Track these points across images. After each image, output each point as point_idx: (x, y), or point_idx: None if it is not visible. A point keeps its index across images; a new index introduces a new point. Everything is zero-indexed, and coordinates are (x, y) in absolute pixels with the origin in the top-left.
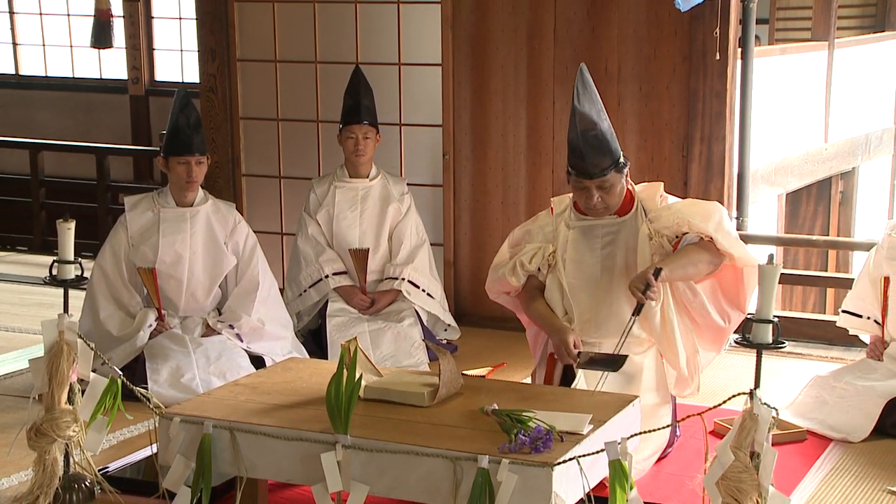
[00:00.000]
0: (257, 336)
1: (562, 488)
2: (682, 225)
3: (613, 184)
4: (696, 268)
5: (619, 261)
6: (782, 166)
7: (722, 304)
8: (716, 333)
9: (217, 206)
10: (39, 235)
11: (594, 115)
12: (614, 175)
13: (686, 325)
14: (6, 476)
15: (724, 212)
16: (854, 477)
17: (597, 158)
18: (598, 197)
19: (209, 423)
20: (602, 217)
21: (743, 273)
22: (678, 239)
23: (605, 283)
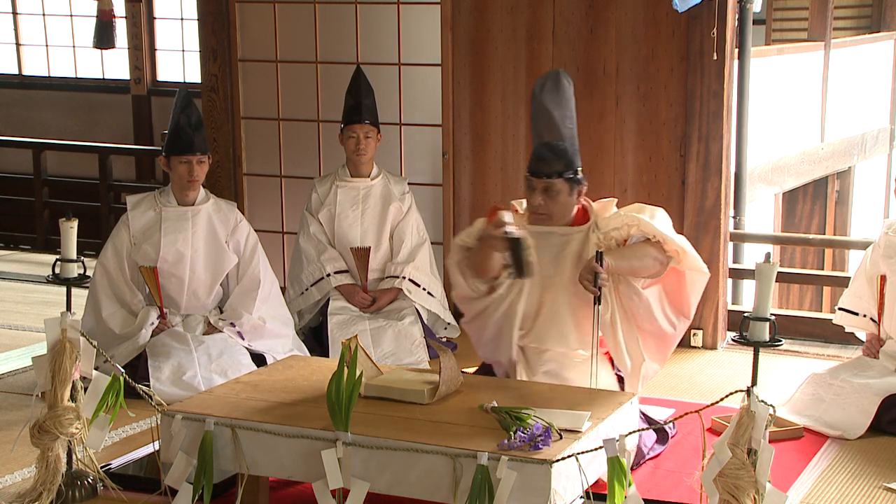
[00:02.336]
0: (258, 334)
1: (560, 485)
2: (632, 226)
3: (559, 191)
4: (642, 262)
5: (566, 272)
6: (779, 165)
7: (666, 310)
8: (661, 341)
9: (218, 205)
10: (42, 234)
11: (557, 119)
12: (562, 183)
13: (632, 332)
14: (9, 473)
15: (668, 216)
16: (850, 474)
17: (549, 160)
18: (540, 199)
19: (211, 421)
20: (550, 225)
21: (685, 277)
22: (625, 242)
23: (551, 292)
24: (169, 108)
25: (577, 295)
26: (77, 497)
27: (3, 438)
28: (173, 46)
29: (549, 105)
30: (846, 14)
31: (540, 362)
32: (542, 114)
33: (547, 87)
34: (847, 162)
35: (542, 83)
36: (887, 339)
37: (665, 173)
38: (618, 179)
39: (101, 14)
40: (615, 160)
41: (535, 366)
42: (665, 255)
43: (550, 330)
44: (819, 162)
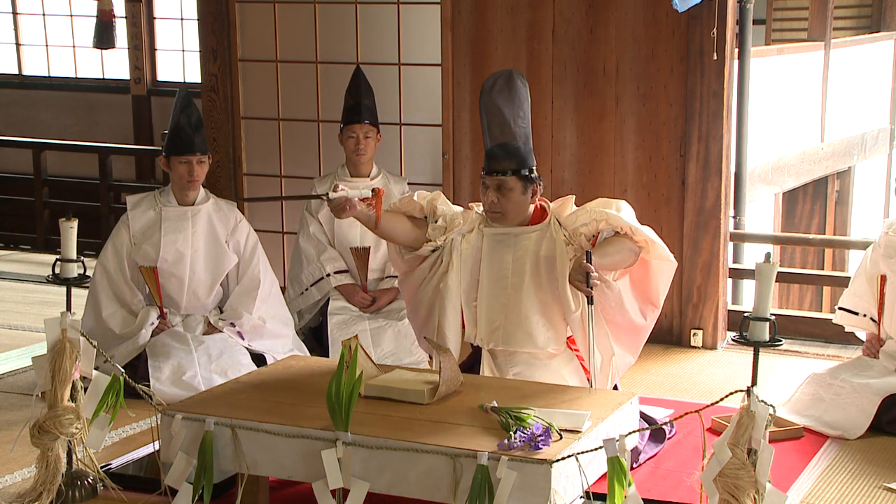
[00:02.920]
0: (258, 334)
1: (560, 485)
2: (600, 221)
3: (512, 189)
4: (622, 255)
5: (528, 271)
6: (779, 165)
7: (636, 300)
8: (633, 333)
9: (218, 205)
10: (42, 234)
11: (509, 118)
12: (514, 181)
13: (602, 327)
14: (9, 473)
15: (631, 208)
16: (850, 474)
17: (501, 158)
18: (494, 197)
19: (211, 421)
20: (504, 224)
21: (651, 267)
22: (595, 237)
23: (515, 293)
24: (169, 108)
25: (540, 294)
26: (77, 497)
27: (3, 438)
28: (173, 46)
29: (500, 104)
30: (846, 14)
31: (510, 364)
32: (493, 113)
33: (497, 87)
34: (847, 162)
35: (492, 82)
36: (887, 339)
37: (665, 173)
38: (618, 179)
39: (101, 14)
40: (615, 160)
41: (505, 368)
42: (637, 246)
43: (516, 332)
44: (819, 162)
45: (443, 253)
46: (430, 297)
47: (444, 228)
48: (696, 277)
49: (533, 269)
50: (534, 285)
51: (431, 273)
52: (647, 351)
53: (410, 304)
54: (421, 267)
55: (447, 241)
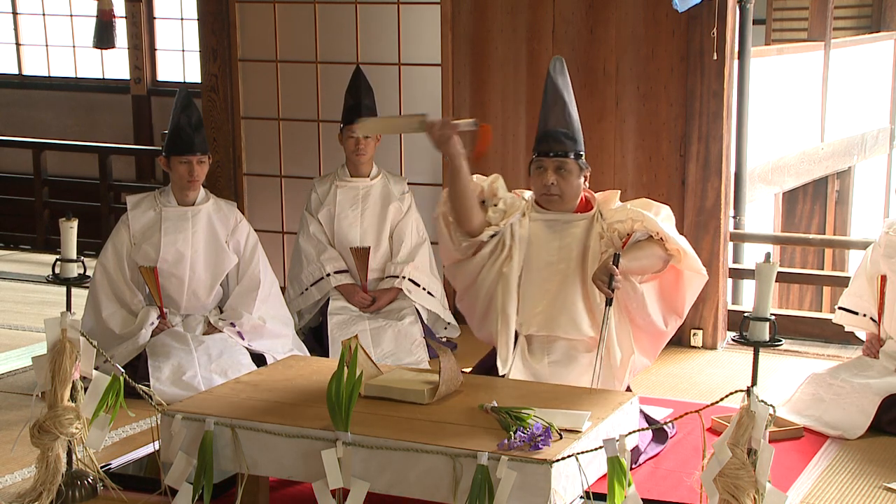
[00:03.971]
0: (258, 334)
1: (560, 485)
2: (636, 221)
3: (571, 171)
4: (651, 261)
5: (574, 257)
6: (779, 165)
7: (661, 307)
8: (653, 337)
9: (218, 205)
10: (42, 234)
11: (568, 101)
12: (573, 163)
13: (625, 325)
14: (9, 473)
15: (673, 215)
16: (850, 474)
17: (561, 139)
18: (553, 179)
19: (211, 421)
20: (559, 208)
21: (683, 277)
22: (628, 236)
23: (560, 278)
24: (169, 108)
25: (586, 281)
26: (77, 497)
27: (3, 438)
28: (173, 46)
29: (561, 88)
30: (846, 14)
31: (547, 351)
32: (556, 96)
33: (558, 71)
34: (847, 162)
35: (554, 66)
36: (887, 339)
37: (665, 173)
38: (618, 179)
39: (101, 14)
40: (615, 160)
41: (540, 354)
42: (667, 254)
43: (560, 317)
44: (819, 162)
45: (504, 237)
46: (491, 282)
47: (504, 212)
48: None
49: (580, 257)
50: (580, 272)
51: (492, 259)
52: None
53: (467, 293)
54: (480, 254)
55: (506, 225)
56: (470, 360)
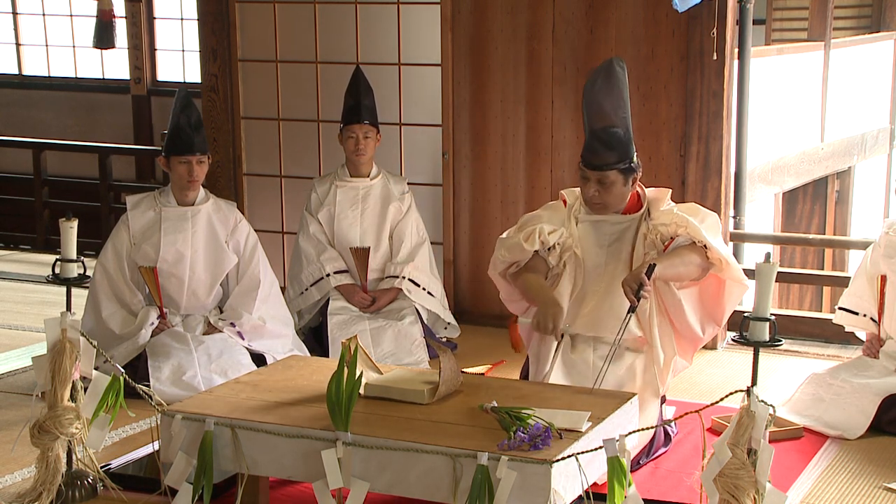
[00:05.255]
0: (258, 334)
1: (560, 485)
2: (680, 226)
3: (613, 182)
4: (688, 269)
5: (623, 259)
6: (779, 165)
7: (699, 313)
8: (690, 342)
9: (218, 205)
10: (42, 234)
11: (608, 109)
12: (615, 174)
13: (666, 327)
14: (9, 473)
15: (720, 223)
16: (850, 474)
17: (602, 152)
18: (595, 190)
19: (211, 421)
20: (605, 213)
21: (725, 286)
22: (670, 240)
23: (608, 280)
24: (169, 108)
25: None
26: (77, 497)
27: (3, 438)
28: (173, 46)
29: (599, 95)
30: (846, 14)
31: (593, 348)
32: (591, 103)
33: (598, 82)
34: (847, 162)
35: (593, 78)
36: (887, 339)
37: (665, 173)
38: None
39: (101, 14)
40: None
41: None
42: (707, 262)
43: (607, 318)
44: (819, 162)
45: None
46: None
47: (561, 250)
48: None
49: (627, 258)
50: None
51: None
52: None
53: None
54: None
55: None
56: (470, 361)
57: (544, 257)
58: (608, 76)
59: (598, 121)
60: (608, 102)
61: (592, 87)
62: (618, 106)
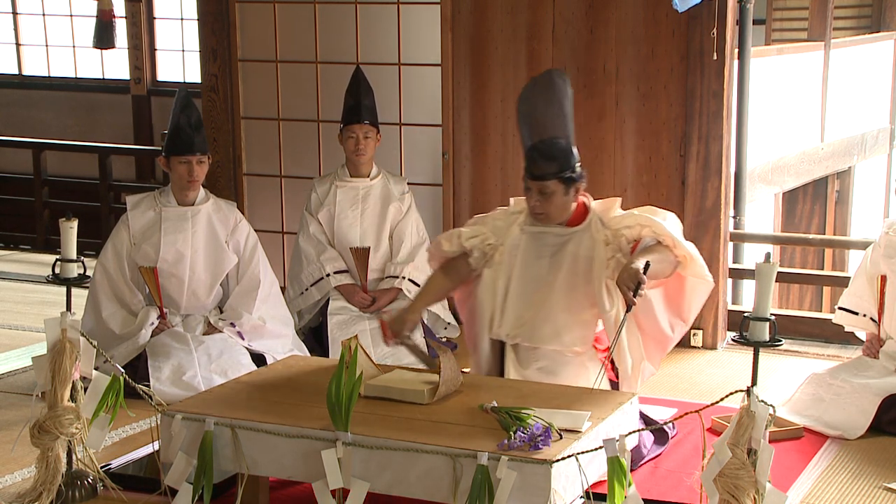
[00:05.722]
0: (258, 334)
1: (560, 485)
2: (644, 228)
3: (554, 192)
4: (663, 266)
5: (564, 271)
6: (779, 165)
7: (666, 312)
8: (659, 344)
9: (218, 205)
10: (42, 234)
11: (549, 121)
12: (556, 184)
13: (634, 331)
14: (9, 473)
15: (678, 221)
16: (850, 474)
17: (542, 162)
18: (536, 200)
19: (211, 421)
20: (549, 224)
21: (686, 283)
22: (636, 242)
23: (546, 291)
24: (169, 108)
25: (573, 293)
26: (77, 497)
27: (3, 438)
28: (173, 46)
29: (538, 107)
30: (846, 14)
31: (533, 359)
32: (527, 114)
33: (535, 89)
34: (847, 162)
35: (530, 88)
36: (887, 339)
37: (665, 173)
38: (618, 179)
39: (101, 14)
40: (615, 160)
41: (528, 362)
42: (676, 260)
43: (543, 328)
44: (819, 162)
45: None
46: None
47: (484, 253)
48: None
49: (570, 269)
50: (567, 285)
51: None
52: None
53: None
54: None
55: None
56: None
57: (468, 260)
58: (547, 87)
59: (539, 132)
60: (549, 113)
61: (529, 99)
62: (558, 116)
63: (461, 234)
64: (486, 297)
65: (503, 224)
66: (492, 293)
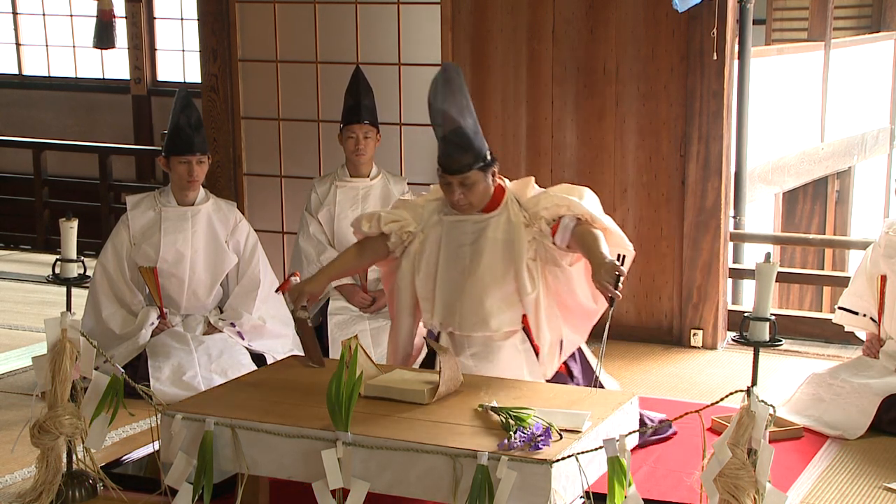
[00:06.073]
0: (258, 334)
1: (560, 485)
2: (561, 207)
3: (476, 181)
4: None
5: (485, 257)
6: (779, 165)
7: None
8: (582, 316)
9: (218, 205)
10: (42, 234)
11: (454, 113)
12: (476, 173)
13: (553, 309)
14: (10, 473)
15: (595, 196)
16: (850, 474)
17: (457, 155)
18: (460, 193)
19: (211, 421)
20: (469, 213)
21: None
22: (556, 222)
23: (471, 278)
24: (169, 108)
25: (496, 278)
26: (77, 497)
27: (3, 438)
28: (173, 46)
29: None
30: (846, 14)
31: (466, 345)
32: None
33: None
34: (847, 162)
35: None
36: (887, 339)
37: (665, 173)
38: (618, 179)
39: (101, 14)
40: (615, 160)
41: (461, 349)
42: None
43: (472, 317)
44: (819, 162)
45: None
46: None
47: (402, 239)
48: (696, 277)
49: (491, 254)
50: (489, 270)
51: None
52: (647, 351)
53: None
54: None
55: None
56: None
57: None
58: (445, 81)
59: (447, 125)
60: (452, 105)
61: (435, 97)
62: (462, 106)
63: (381, 218)
64: (405, 287)
65: (425, 212)
66: (410, 284)
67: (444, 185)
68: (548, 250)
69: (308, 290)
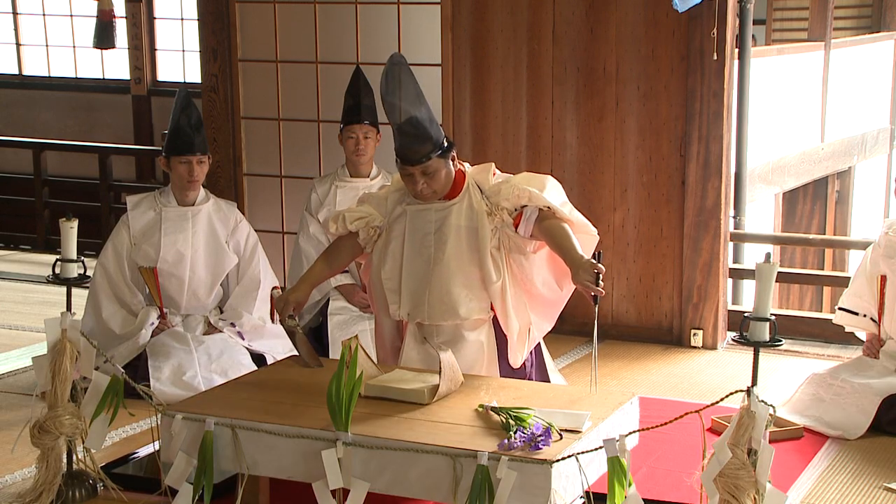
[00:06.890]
0: (259, 334)
1: (561, 485)
2: (522, 197)
3: (437, 169)
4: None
5: (450, 245)
6: (779, 166)
7: (554, 272)
8: (549, 303)
9: (218, 205)
10: (42, 234)
11: (406, 104)
12: (437, 160)
13: (520, 297)
14: (10, 473)
15: (558, 183)
16: (850, 474)
17: (416, 145)
18: (422, 183)
19: (211, 421)
20: (432, 202)
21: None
22: (518, 212)
23: (436, 267)
24: (169, 108)
25: (462, 265)
26: (77, 497)
27: (3, 438)
28: (173, 46)
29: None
30: (846, 14)
31: (435, 334)
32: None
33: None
34: (847, 162)
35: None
36: (887, 339)
37: (665, 173)
38: (618, 179)
39: (101, 14)
40: (615, 160)
41: (431, 338)
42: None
43: (439, 306)
44: (819, 162)
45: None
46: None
47: (370, 234)
48: (696, 277)
49: (455, 242)
50: (455, 258)
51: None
52: (647, 351)
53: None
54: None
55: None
56: None
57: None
58: (392, 73)
59: (401, 115)
60: (405, 95)
61: (385, 90)
62: (414, 94)
63: (345, 217)
64: (376, 281)
65: (388, 204)
66: (378, 277)
67: (405, 177)
68: (511, 239)
69: (293, 299)
